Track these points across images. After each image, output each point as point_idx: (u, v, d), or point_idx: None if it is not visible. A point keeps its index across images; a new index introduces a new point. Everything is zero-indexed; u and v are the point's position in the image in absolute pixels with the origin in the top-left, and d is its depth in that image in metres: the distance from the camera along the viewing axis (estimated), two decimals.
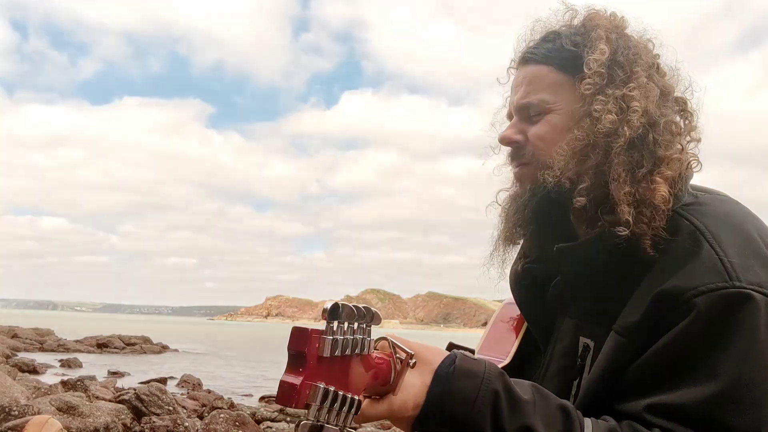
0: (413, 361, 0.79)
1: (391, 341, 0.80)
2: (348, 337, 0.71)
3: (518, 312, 1.20)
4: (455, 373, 0.80)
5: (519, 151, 1.05)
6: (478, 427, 0.79)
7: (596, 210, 0.94)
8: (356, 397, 0.72)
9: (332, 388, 0.68)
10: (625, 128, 0.94)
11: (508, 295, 1.25)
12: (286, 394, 0.67)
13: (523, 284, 1.14)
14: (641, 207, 0.91)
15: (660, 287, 0.86)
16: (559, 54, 1.02)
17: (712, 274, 0.84)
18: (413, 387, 0.80)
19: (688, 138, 0.99)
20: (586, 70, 0.98)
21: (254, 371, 25.00)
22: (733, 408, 0.80)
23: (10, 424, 7.05)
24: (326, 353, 0.67)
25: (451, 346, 1.25)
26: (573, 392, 0.96)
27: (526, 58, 1.06)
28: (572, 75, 1.00)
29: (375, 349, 0.79)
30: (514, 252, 1.16)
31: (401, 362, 0.79)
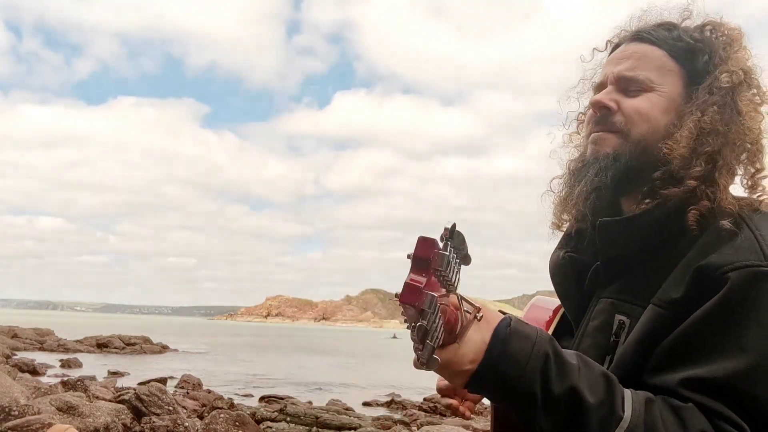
0: (480, 314, 0.82)
1: (460, 295, 0.82)
2: (454, 259, 0.75)
3: (546, 314, 1.22)
4: (511, 334, 0.83)
5: (608, 118, 1.04)
6: (529, 385, 0.81)
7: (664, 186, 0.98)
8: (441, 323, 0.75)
9: (440, 304, 0.72)
10: (757, 130, 0.99)
11: (506, 295, 1.25)
12: (412, 293, 0.70)
13: (564, 270, 1.14)
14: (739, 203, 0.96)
15: (699, 262, 0.90)
16: (675, 42, 1.04)
17: (749, 252, 0.89)
18: (474, 342, 0.82)
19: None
20: (728, 65, 1.01)
21: (254, 371, 25.02)
22: (761, 381, 0.84)
23: (10, 424, 7.06)
24: (441, 266, 0.72)
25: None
26: (606, 367, 0.97)
27: (641, 36, 1.07)
28: (681, 66, 1.03)
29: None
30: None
31: (468, 316, 0.82)
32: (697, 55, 1.03)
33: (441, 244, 0.73)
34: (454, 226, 0.73)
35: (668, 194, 0.97)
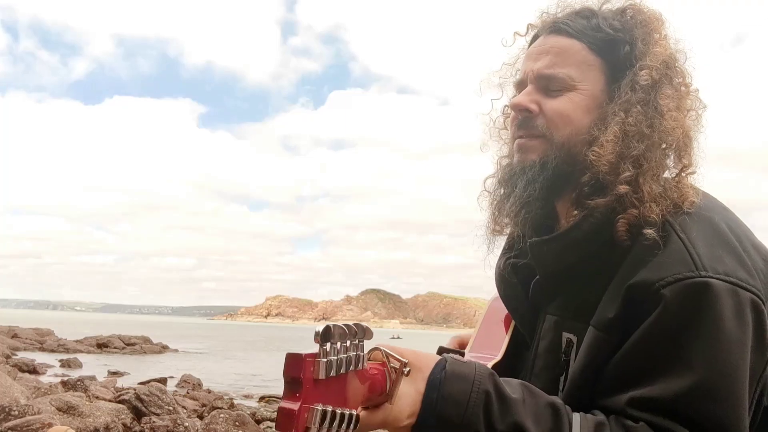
0: (407, 369, 0.80)
1: (384, 351, 0.81)
2: (342, 356, 0.72)
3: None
4: (447, 378, 0.81)
5: (530, 122, 1.01)
6: (473, 427, 0.80)
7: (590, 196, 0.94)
8: (354, 412, 0.73)
9: (330, 408, 0.69)
10: (680, 129, 0.95)
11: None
12: (285, 420, 0.68)
13: (507, 280, 1.12)
14: (662, 205, 0.93)
15: (631, 280, 0.87)
16: (594, 33, 0.99)
17: (679, 264, 0.85)
18: (408, 395, 0.81)
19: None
20: (647, 61, 0.96)
21: (254, 371, 25.01)
22: (711, 398, 0.81)
23: (10, 424, 7.05)
24: (321, 375, 0.69)
25: (441, 351, 1.26)
26: (561, 388, 0.97)
27: (557, 28, 1.02)
28: (602, 59, 0.99)
29: (369, 359, 0.81)
30: (502, 241, 1.16)
31: (395, 371, 0.80)
32: (618, 45, 0.98)
33: (318, 350, 0.69)
34: (326, 328, 0.70)
35: (595, 204, 0.93)
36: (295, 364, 0.69)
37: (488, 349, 1.20)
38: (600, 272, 0.93)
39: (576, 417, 0.84)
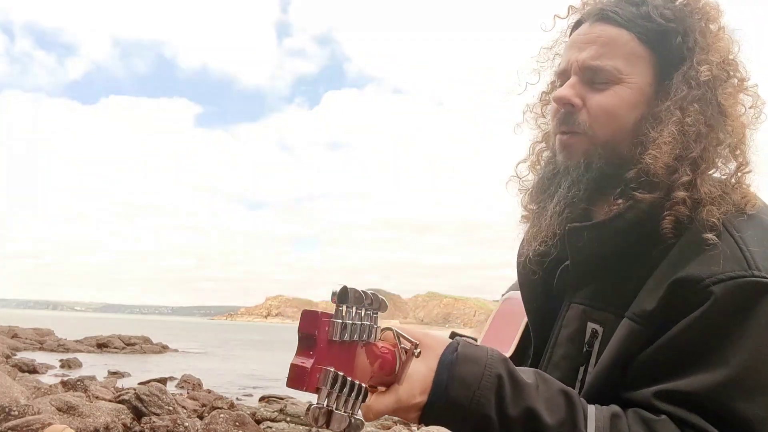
0: (418, 350, 0.79)
1: (396, 331, 0.79)
2: (356, 322, 0.71)
3: (519, 307, 1.17)
4: (458, 360, 0.80)
5: (572, 117, 0.96)
6: (483, 411, 0.78)
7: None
8: (363, 385, 0.72)
9: (341, 374, 0.68)
10: (742, 130, 0.92)
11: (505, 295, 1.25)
12: (298, 377, 0.67)
13: (530, 268, 1.07)
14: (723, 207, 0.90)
15: (678, 274, 0.85)
16: (644, 23, 0.93)
17: (731, 262, 0.83)
18: (419, 374, 0.79)
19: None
20: (708, 56, 0.91)
21: (254, 371, 24.99)
22: (741, 395, 0.80)
23: (10, 424, 7.05)
24: (336, 336, 0.68)
25: (453, 335, 1.22)
26: (579, 378, 0.95)
27: (605, 16, 0.96)
28: (652, 51, 0.94)
29: (380, 339, 0.79)
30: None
31: (406, 352, 0.79)
32: (670, 37, 0.93)
33: (335, 310, 0.69)
34: (343, 288, 0.69)
35: (642, 198, 0.90)
36: (311, 321, 0.68)
37: (498, 344, 1.19)
38: (639, 264, 0.91)
39: (590, 407, 0.82)
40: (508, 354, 1.15)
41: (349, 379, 0.69)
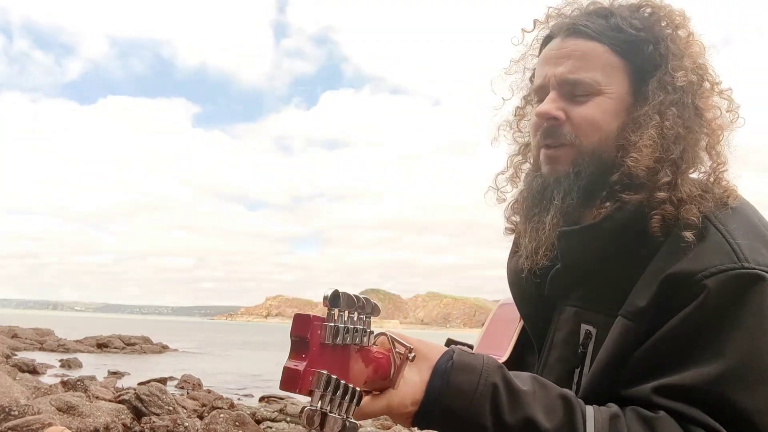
0: (412, 355, 0.79)
1: (391, 336, 0.80)
2: (348, 326, 0.71)
3: (514, 313, 1.18)
4: (453, 368, 0.80)
5: (556, 130, 0.98)
6: (478, 420, 0.78)
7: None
8: (357, 388, 0.72)
9: (335, 376, 0.69)
10: (719, 131, 0.94)
11: (504, 295, 1.25)
12: (290, 379, 0.67)
13: (521, 276, 1.08)
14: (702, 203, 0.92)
15: (668, 270, 0.86)
16: (616, 34, 0.96)
17: (720, 255, 0.85)
18: (412, 383, 0.79)
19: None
20: (684, 62, 0.94)
21: (254, 371, 24.98)
22: (739, 386, 0.80)
23: (10, 424, 7.05)
24: (328, 340, 0.68)
25: (449, 342, 1.23)
26: (575, 380, 0.95)
27: (576, 30, 0.98)
28: (625, 60, 0.96)
29: (374, 344, 0.80)
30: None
31: (401, 357, 0.79)
32: (642, 46, 0.96)
33: (326, 314, 0.70)
34: (334, 292, 0.70)
35: (629, 199, 0.92)
36: (303, 324, 0.69)
37: (494, 349, 1.19)
38: (629, 264, 0.92)
39: (590, 409, 0.82)
40: (503, 359, 1.15)
41: (342, 382, 0.70)
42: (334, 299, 0.69)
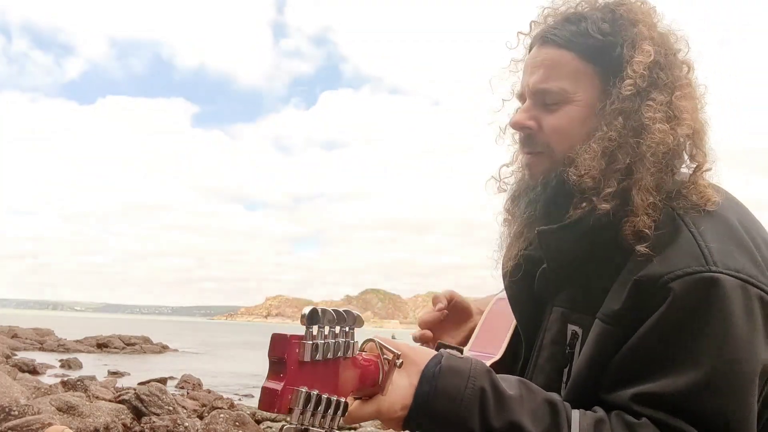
0: (400, 361, 0.80)
1: (378, 342, 0.81)
2: (330, 341, 0.72)
3: (509, 307, 1.18)
4: (441, 372, 0.81)
5: (531, 139, 1.01)
6: (466, 424, 0.80)
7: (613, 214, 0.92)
8: (342, 399, 0.73)
9: (315, 392, 0.69)
10: (670, 138, 0.92)
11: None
12: (268, 400, 0.68)
13: (514, 275, 1.10)
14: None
15: (638, 273, 0.86)
16: (583, 41, 0.97)
17: (689, 258, 0.85)
18: (401, 388, 0.81)
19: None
20: (629, 71, 0.93)
21: (254, 371, 24.99)
22: (717, 394, 0.81)
23: (10, 424, 7.05)
24: (307, 357, 0.69)
25: (440, 346, 1.25)
26: (564, 380, 0.97)
27: (547, 39, 1.00)
28: (594, 65, 0.97)
29: (362, 350, 0.81)
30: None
31: (389, 363, 0.80)
32: (609, 50, 0.96)
33: (305, 332, 0.70)
34: (313, 310, 0.70)
35: (598, 203, 0.92)
36: (280, 345, 0.69)
37: (488, 348, 1.20)
38: (608, 264, 0.93)
39: (575, 414, 0.83)
40: (498, 355, 1.17)
41: (325, 396, 0.70)
42: (312, 317, 0.70)
